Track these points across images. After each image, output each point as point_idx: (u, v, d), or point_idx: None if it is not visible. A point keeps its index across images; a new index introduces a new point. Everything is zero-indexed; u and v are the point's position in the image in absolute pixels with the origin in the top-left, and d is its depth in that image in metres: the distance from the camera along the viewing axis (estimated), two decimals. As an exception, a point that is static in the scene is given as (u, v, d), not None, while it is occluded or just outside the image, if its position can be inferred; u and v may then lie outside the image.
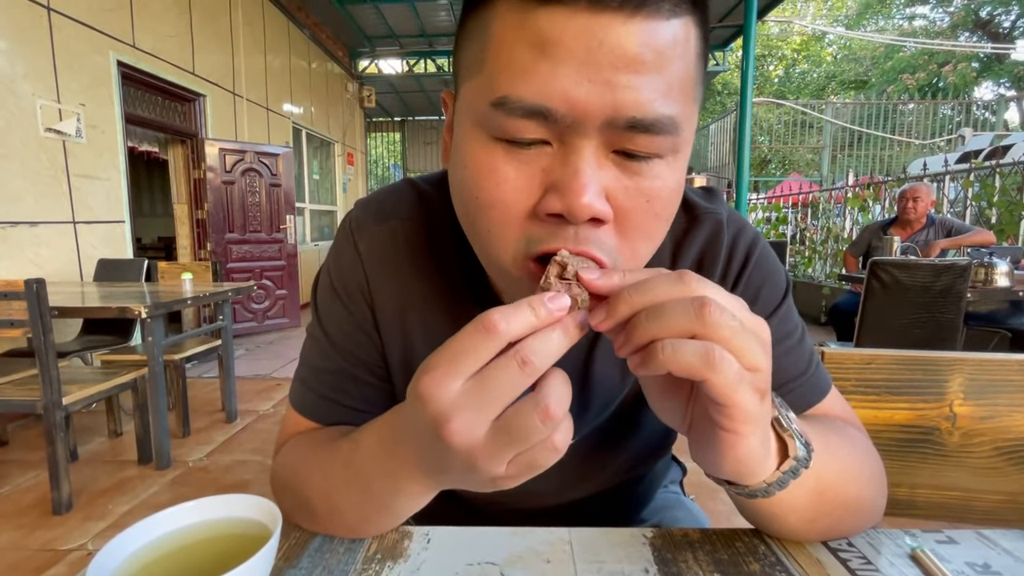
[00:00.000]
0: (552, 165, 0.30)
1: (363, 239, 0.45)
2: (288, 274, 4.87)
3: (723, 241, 0.45)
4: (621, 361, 0.45)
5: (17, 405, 1.70)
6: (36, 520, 1.68)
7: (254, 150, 4.51)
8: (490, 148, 0.30)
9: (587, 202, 0.28)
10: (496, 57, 0.29)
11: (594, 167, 0.29)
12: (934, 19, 15.18)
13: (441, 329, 0.44)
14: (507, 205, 0.31)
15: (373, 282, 0.45)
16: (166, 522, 0.31)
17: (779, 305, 0.45)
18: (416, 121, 11.26)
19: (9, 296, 1.60)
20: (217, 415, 2.64)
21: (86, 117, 2.99)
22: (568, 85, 0.27)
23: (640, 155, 0.30)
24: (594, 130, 0.28)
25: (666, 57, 0.28)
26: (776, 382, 0.43)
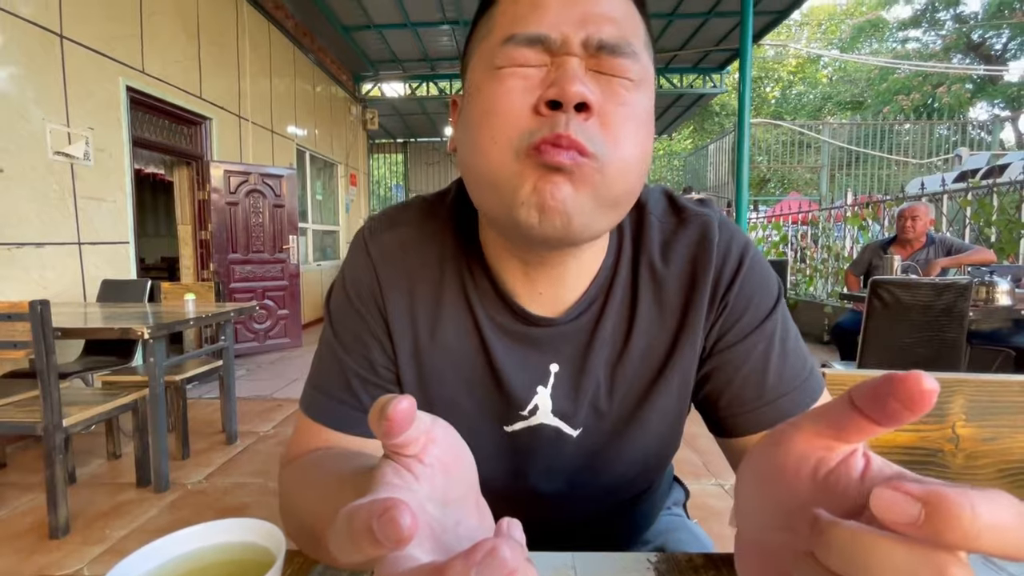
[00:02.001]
0: (549, 74, 0.38)
1: (375, 245, 0.48)
2: (290, 294, 4.89)
3: (713, 242, 0.46)
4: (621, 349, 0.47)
5: (17, 427, 1.70)
6: (33, 544, 1.66)
7: (258, 172, 4.57)
8: (499, 73, 0.38)
9: (577, 88, 0.36)
10: (503, 18, 0.40)
11: (580, 71, 0.37)
12: (927, 42, 15.48)
13: (443, 315, 0.48)
14: (512, 105, 0.37)
15: (384, 284, 0.47)
16: (171, 547, 0.32)
17: (773, 309, 0.46)
18: (418, 143, 11.41)
19: (13, 317, 1.61)
20: (217, 436, 2.62)
21: (94, 140, 3.04)
22: (556, 20, 0.38)
23: (609, 72, 0.38)
24: (577, 48, 0.38)
25: (618, 14, 0.39)
26: (778, 388, 0.45)
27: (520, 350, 0.47)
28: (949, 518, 0.16)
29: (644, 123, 0.39)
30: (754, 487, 0.25)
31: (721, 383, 0.46)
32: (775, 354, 0.45)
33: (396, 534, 0.18)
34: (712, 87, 8.16)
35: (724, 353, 0.46)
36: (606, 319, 0.46)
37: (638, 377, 0.48)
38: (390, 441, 0.22)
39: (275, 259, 4.75)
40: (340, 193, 7.30)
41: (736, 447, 0.47)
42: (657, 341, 0.47)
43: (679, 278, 0.47)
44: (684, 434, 0.54)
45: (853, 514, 0.19)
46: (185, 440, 2.38)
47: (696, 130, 17.10)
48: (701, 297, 0.46)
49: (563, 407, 0.48)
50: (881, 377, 0.19)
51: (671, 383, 0.47)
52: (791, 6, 5.76)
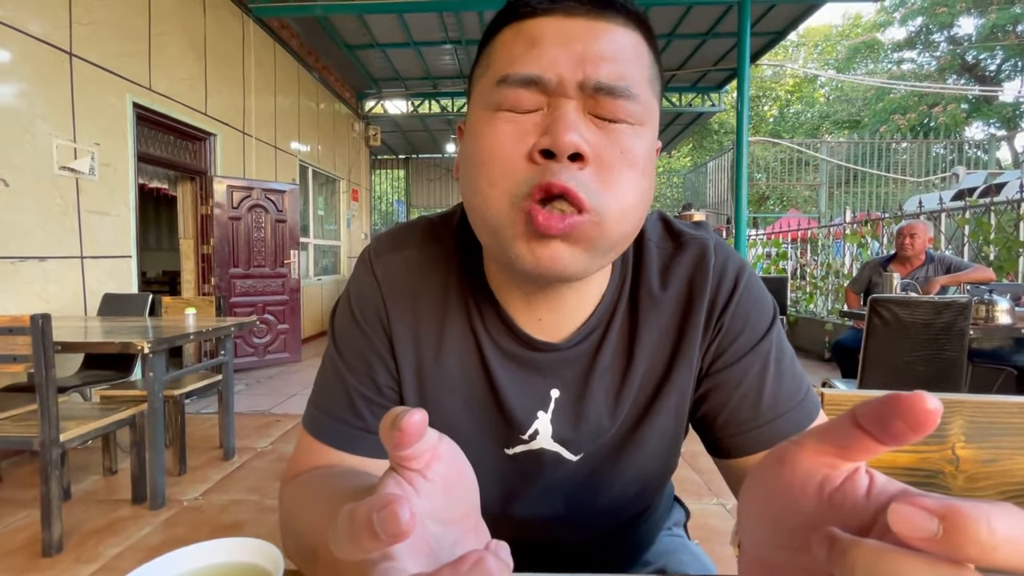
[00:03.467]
0: (543, 120, 0.37)
1: (380, 266, 0.49)
2: (290, 308, 4.89)
3: (710, 265, 0.47)
4: (620, 376, 0.47)
5: (13, 442, 1.68)
6: (25, 562, 1.64)
7: (261, 187, 4.61)
8: (495, 116, 0.38)
9: (570, 139, 0.35)
10: (500, 56, 0.39)
11: (575, 117, 0.37)
12: (922, 63, 15.71)
13: (446, 337, 0.48)
14: (507, 153, 0.37)
15: (390, 304, 0.48)
16: (169, 567, 0.31)
17: (768, 329, 0.47)
18: (420, 159, 11.53)
19: (15, 331, 1.61)
20: (214, 452, 2.60)
21: (100, 155, 3.08)
22: (552, 61, 0.37)
23: (608, 116, 0.37)
24: (573, 91, 0.37)
25: (622, 50, 0.38)
26: (774, 409, 0.45)
27: (521, 374, 0.47)
28: (966, 532, 0.16)
29: (644, 167, 0.39)
30: (758, 505, 0.24)
31: (717, 404, 0.47)
32: (770, 375, 0.46)
33: (395, 527, 0.19)
34: (711, 106, 8.27)
35: (720, 374, 0.47)
36: (607, 346, 0.47)
37: (637, 399, 0.48)
38: (398, 453, 0.23)
39: (276, 274, 4.77)
40: (342, 208, 7.34)
41: (733, 467, 0.47)
42: (655, 363, 0.47)
43: (676, 301, 0.47)
44: (685, 453, 0.54)
45: (860, 532, 0.19)
46: (182, 456, 2.36)
47: (695, 147, 17.28)
48: (697, 318, 0.46)
49: (563, 433, 0.48)
50: (885, 397, 0.19)
51: (668, 403, 0.47)
52: (787, 28, 5.87)
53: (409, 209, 11.57)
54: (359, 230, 8.08)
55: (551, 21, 0.38)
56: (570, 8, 0.37)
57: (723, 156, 9.13)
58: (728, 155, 8.53)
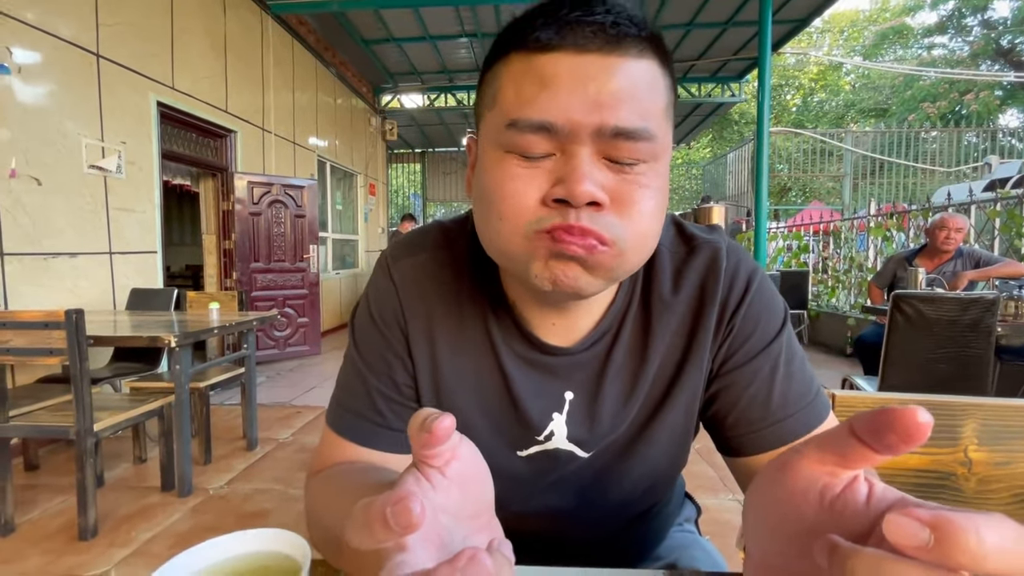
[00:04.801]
0: (556, 167, 0.37)
1: (397, 270, 0.50)
2: (310, 302, 4.98)
3: (721, 268, 0.48)
4: (632, 378, 0.48)
5: (51, 431, 1.76)
6: (63, 545, 1.72)
7: (280, 183, 4.68)
8: (505, 158, 0.38)
9: (585, 188, 0.35)
10: (507, 92, 0.38)
11: (590, 164, 0.36)
12: (953, 48, 15.15)
13: (461, 341, 0.49)
14: (519, 195, 0.37)
15: (406, 307, 0.49)
16: (201, 557, 0.34)
17: (779, 331, 0.48)
18: (436, 153, 11.56)
19: (50, 326, 1.68)
20: (238, 443, 2.67)
21: (126, 154, 3.17)
22: (565, 106, 0.35)
23: (625, 160, 0.37)
24: (588, 138, 0.36)
25: (638, 86, 0.36)
26: (783, 409, 0.46)
27: (537, 377, 0.49)
28: (956, 542, 0.17)
29: (661, 194, 0.39)
30: (762, 512, 0.25)
31: (728, 403, 0.48)
32: (780, 376, 0.46)
33: (407, 520, 0.20)
34: (731, 96, 8.12)
35: (730, 374, 0.48)
36: (618, 348, 0.48)
37: (648, 398, 0.49)
38: (424, 452, 0.24)
39: (296, 268, 4.85)
40: (359, 203, 7.42)
41: (742, 466, 0.48)
42: (667, 363, 0.49)
43: (688, 304, 0.48)
44: (701, 449, 0.55)
45: (860, 538, 0.20)
46: (208, 446, 2.43)
47: (715, 139, 16.97)
48: (708, 319, 0.47)
49: (578, 433, 0.49)
50: (880, 410, 0.20)
51: (679, 402, 0.49)
52: (811, 15, 5.71)
53: (425, 203, 11.63)
54: (376, 224, 8.16)
55: (562, 58, 0.36)
56: (582, 43, 0.35)
57: (743, 147, 8.96)
58: (749, 146, 8.37)
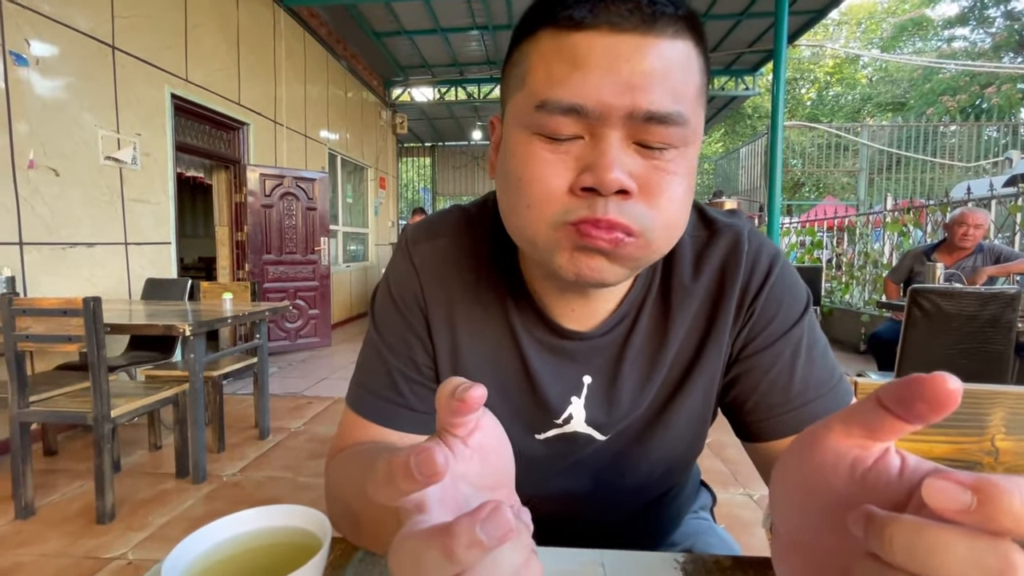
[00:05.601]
0: (584, 152, 0.36)
1: (417, 254, 0.50)
2: (321, 295, 5.01)
3: (743, 252, 0.47)
4: (650, 362, 0.48)
5: (69, 416, 1.80)
6: (81, 528, 1.75)
7: (292, 175, 4.71)
8: (532, 140, 0.37)
9: (614, 176, 0.34)
10: (536, 72, 0.36)
11: (619, 150, 0.35)
12: (975, 40, 14.81)
13: (481, 324, 0.49)
14: (547, 182, 0.36)
15: (427, 290, 0.49)
16: (225, 530, 0.34)
17: (801, 316, 0.47)
18: (446, 147, 11.56)
19: (69, 313, 1.71)
20: (250, 431, 2.71)
21: (141, 146, 3.20)
22: (596, 87, 0.34)
23: (656, 145, 0.35)
24: (618, 122, 0.34)
25: (672, 68, 0.35)
26: (804, 394, 0.45)
27: (554, 361, 0.49)
28: (1000, 503, 0.16)
29: (690, 181, 0.38)
30: (790, 488, 0.25)
31: (748, 388, 0.47)
32: (802, 361, 0.46)
33: (431, 468, 0.20)
34: (745, 89, 8.01)
35: (751, 359, 0.47)
36: (636, 333, 0.48)
37: (666, 382, 0.49)
38: (451, 419, 0.24)
39: (307, 260, 4.89)
40: (370, 196, 7.45)
41: (762, 451, 0.47)
42: (685, 347, 0.48)
43: (708, 288, 0.48)
44: (712, 443, 0.55)
45: (894, 510, 0.20)
46: (221, 434, 2.47)
47: (727, 132, 16.78)
48: (729, 303, 0.47)
49: (596, 417, 0.49)
50: (907, 378, 0.20)
51: (697, 386, 0.49)
52: (828, 6, 5.60)
53: (435, 197, 11.64)
54: (386, 218, 8.18)
55: (596, 38, 0.34)
56: (617, 21, 0.34)
57: (756, 141, 8.84)
58: (762, 140, 8.26)
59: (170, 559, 0.30)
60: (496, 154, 0.44)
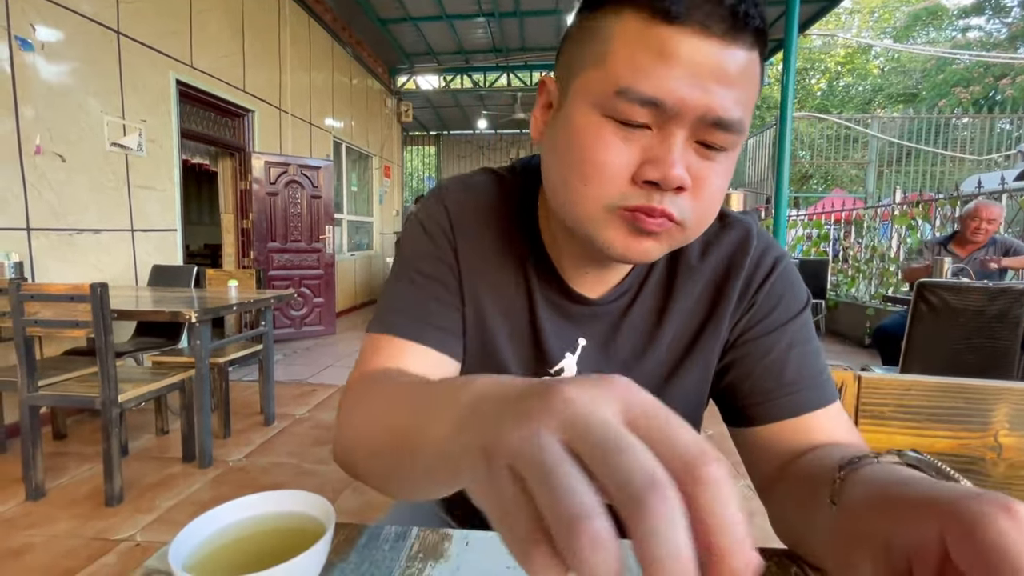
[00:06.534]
0: (651, 144, 0.37)
1: (450, 200, 0.52)
2: (325, 283, 5.03)
3: (752, 245, 0.50)
4: (647, 336, 0.51)
5: (78, 400, 1.82)
6: (90, 510, 1.78)
7: (297, 163, 4.70)
8: (602, 123, 0.38)
9: (677, 173, 0.37)
10: (620, 56, 0.37)
11: (683, 149, 0.37)
12: (990, 30, 14.53)
13: (499, 270, 0.51)
14: (611, 166, 0.38)
15: (456, 230, 0.51)
16: (235, 511, 0.35)
17: (799, 314, 0.49)
18: (451, 136, 11.49)
19: (76, 299, 1.72)
20: (256, 418, 2.74)
21: (147, 132, 3.20)
22: (678, 86, 0.35)
23: (715, 147, 0.38)
24: (688, 122, 0.37)
25: (745, 77, 0.37)
26: (795, 383, 0.47)
27: (557, 320, 0.52)
28: None
29: (728, 179, 0.41)
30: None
31: (742, 373, 0.50)
32: (796, 353, 0.48)
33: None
34: (753, 79, 7.88)
35: (747, 345, 0.50)
36: (637, 305, 0.51)
37: (662, 362, 0.51)
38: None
39: (311, 248, 4.90)
40: (374, 185, 7.43)
41: (749, 437, 0.49)
42: (684, 330, 0.51)
43: (713, 272, 0.50)
44: (714, 435, 0.55)
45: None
46: (227, 420, 2.49)
47: (735, 123, 16.53)
48: (731, 291, 0.49)
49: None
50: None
51: (693, 368, 0.51)
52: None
53: (440, 186, 11.59)
54: (391, 207, 8.17)
55: (685, 36, 0.35)
56: (708, 23, 0.35)
57: (764, 132, 8.75)
58: (770, 131, 8.17)
59: (176, 542, 0.30)
60: (545, 115, 0.44)
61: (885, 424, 0.55)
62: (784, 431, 0.46)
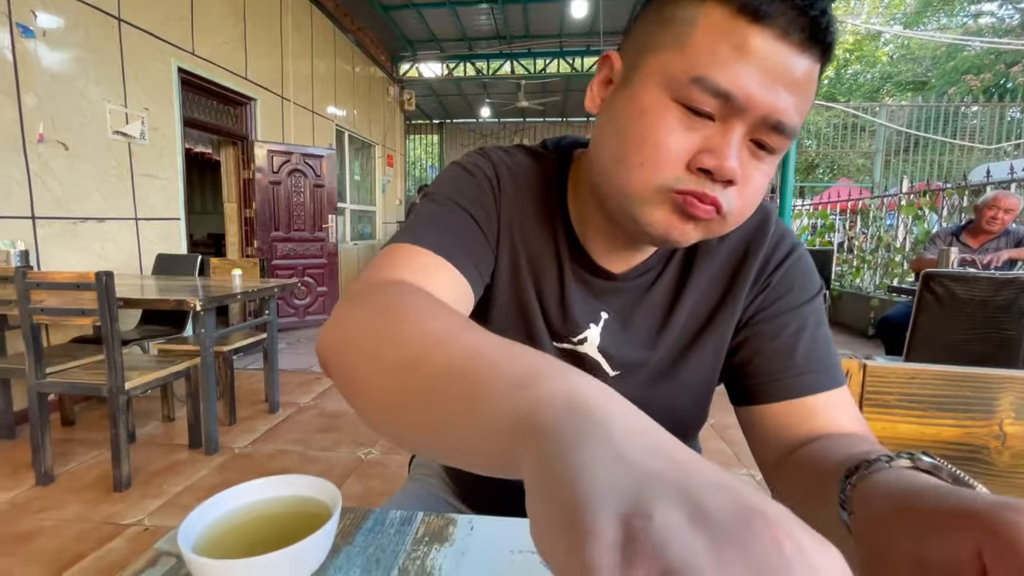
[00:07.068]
0: (712, 135, 0.39)
1: (495, 157, 0.53)
2: (329, 272, 5.03)
3: (770, 229, 0.51)
4: (664, 313, 0.52)
5: (85, 388, 1.84)
6: (99, 495, 1.81)
7: (300, 152, 4.69)
8: (670, 106, 0.39)
9: (732, 165, 0.38)
10: (700, 44, 0.37)
11: (739, 144, 0.39)
12: (1003, 16, 14.25)
13: (533, 234, 0.52)
14: (671, 150, 0.39)
15: (502, 182, 0.51)
16: (242, 495, 0.35)
17: (811, 299, 0.51)
18: (454, 124, 11.42)
19: (82, 287, 1.73)
20: (260, 406, 2.76)
21: (149, 120, 3.19)
22: (751, 83, 0.37)
23: (766, 147, 0.40)
24: (751, 120, 0.38)
25: (807, 87, 0.38)
26: (804, 365, 0.47)
27: (583, 291, 0.53)
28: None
29: (770, 179, 0.42)
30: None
31: (752, 351, 0.51)
32: (807, 336, 0.49)
33: None
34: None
35: (759, 325, 0.51)
36: (658, 285, 0.52)
37: (679, 337, 0.52)
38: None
39: (315, 238, 4.90)
40: (377, 174, 7.40)
41: (755, 416, 0.50)
42: (701, 307, 0.52)
43: (731, 253, 0.52)
44: (716, 425, 0.56)
45: None
46: (232, 407, 2.52)
47: (741, 112, 16.34)
48: (748, 272, 0.51)
49: (607, 346, 0.53)
50: None
51: (707, 345, 0.52)
52: (850, -21, 5.39)
53: (443, 175, 11.54)
54: (394, 196, 8.15)
55: (766, 37, 0.36)
56: (789, 30, 0.36)
57: (770, 121, 8.63)
58: (776, 120, 8.06)
59: (185, 524, 0.31)
60: (604, 90, 0.45)
61: (890, 412, 0.55)
62: (790, 411, 0.46)
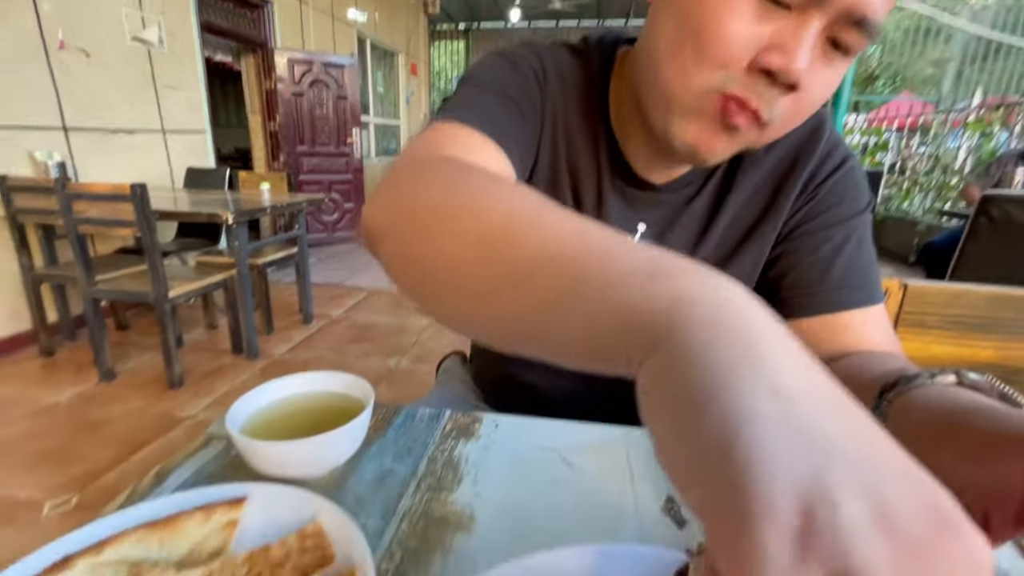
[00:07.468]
0: (784, 29, 0.34)
1: (541, 51, 0.49)
2: (355, 188, 5.02)
3: (822, 138, 0.48)
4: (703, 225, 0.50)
5: (133, 295, 1.95)
6: (157, 392, 1.99)
7: (321, 60, 4.50)
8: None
9: (800, 67, 0.34)
10: None
11: (813, 44, 0.34)
12: None
13: (577, 144, 0.50)
14: (736, 42, 0.34)
15: (547, 79, 0.48)
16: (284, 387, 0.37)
17: (858, 214, 0.48)
18: (481, 29, 10.65)
19: (118, 198, 1.78)
20: (295, 317, 2.90)
21: (166, 25, 3.07)
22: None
23: (842, 47, 0.35)
24: (833, 12, 0.33)
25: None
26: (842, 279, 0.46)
27: (620, 201, 0.51)
28: None
29: (832, 91, 0.38)
30: None
31: (789, 264, 0.49)
32: (848, 250, 0.47)
33: None
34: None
35: (801, 238, 0.49)
36: (699, 199, 0.50)
37: (715, 251, 0.51)
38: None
39: (339, 152, 4.83)
40: (401, 85, 7.10)
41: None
42: (742, 217, 0.50)
43: (778, 162, 0.49)
44: None
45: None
46: (269, 317, 2.65)
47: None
48: (795, 182, 0.48)
49: None
50: None
51: (746, 258, 0.50)
52: None
53: (469, 87, 10.99)
54: (419, 109, 7.86)
55: None
56: None
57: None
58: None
59: (233, 410, 0.33)
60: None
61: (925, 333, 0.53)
62: (824, 327, 0.45)
